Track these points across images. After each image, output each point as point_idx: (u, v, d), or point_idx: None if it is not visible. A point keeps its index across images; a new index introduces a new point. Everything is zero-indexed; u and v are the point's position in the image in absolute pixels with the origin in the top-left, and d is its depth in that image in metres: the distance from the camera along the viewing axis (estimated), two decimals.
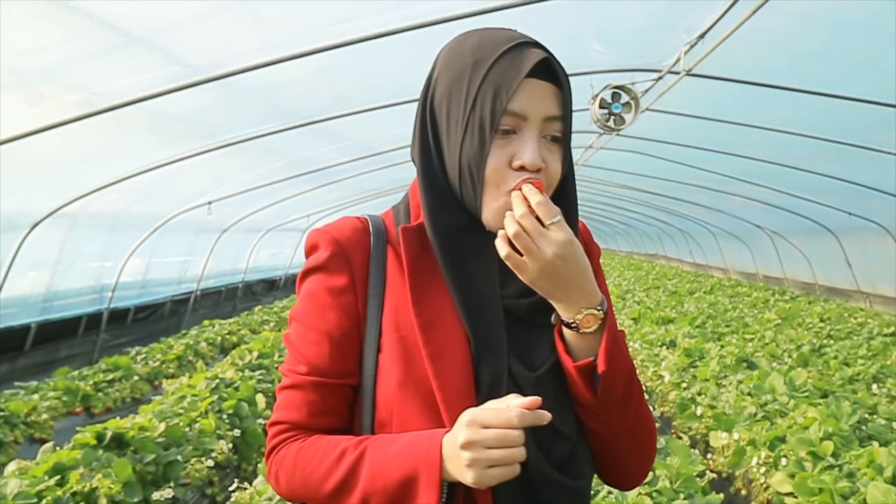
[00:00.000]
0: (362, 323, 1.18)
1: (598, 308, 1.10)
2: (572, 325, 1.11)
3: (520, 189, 1.07)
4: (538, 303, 1.14)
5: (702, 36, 5.32)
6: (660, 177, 12.95)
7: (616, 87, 6.26)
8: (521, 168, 1.09)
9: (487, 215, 1.13)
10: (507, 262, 1.08)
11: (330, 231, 1.22)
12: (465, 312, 1.13)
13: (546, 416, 1.01)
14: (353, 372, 1.18)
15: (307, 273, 1.22)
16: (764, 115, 7.63)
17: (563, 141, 1.14)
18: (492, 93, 1.09)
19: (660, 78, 6.46)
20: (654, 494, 3.36)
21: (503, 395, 1.07)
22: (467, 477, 0.99)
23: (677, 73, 6.11)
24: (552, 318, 1.15)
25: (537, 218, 1.06)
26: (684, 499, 3.37)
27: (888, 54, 5.26)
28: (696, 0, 5.10)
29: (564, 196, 1.18)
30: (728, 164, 10.41)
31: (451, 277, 1.14)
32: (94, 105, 4.87)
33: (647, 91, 6.78)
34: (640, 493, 3.28)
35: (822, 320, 10.71)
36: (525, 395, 1.08)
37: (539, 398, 1.01)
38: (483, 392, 1.10)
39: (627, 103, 6.27)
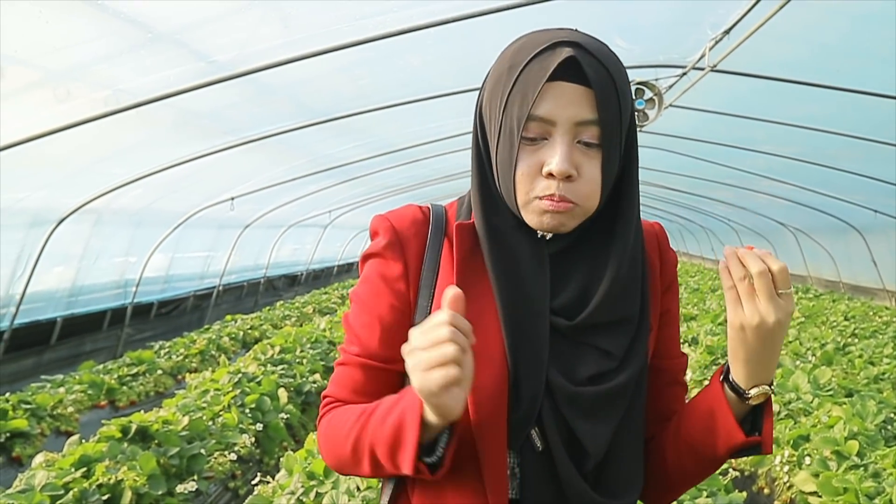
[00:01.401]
0: (412, 312, 1.18)
1: (770, 386, 1.10)
2: (742, 393, 1.10)
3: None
4: (583, 323, 1.13)
5: (727, 31, 5.27)
6: (682, 173, 12.87)
7: (639, 83, 6.22)
8: (550, 175, 1.07)
9: (526, 216, 1.12)
10: (726, 294, 1.07)
11: (390, 218, 1.22)
12: (505, 320, 1.12)
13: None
14: (400, 359, 1.14)
15: (367, 257, 1.24)
16: (789, 111, 7.56)
17: (602, 146, 1.08)
18: (519, 98, 1.07)
19: (684, 74, 6.42)
20: None
21: (539, 409, 1.10)
22: (415, 387, 0.97)
23: (702, 68, 6.06)
24: (722, 375, 1.14)
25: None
26: (707, 496, 3.36)
27: None
28: None
29: (619, 200, 1.15)
30: (752, 161, 10.33)
31: (496, 281, 1.14)
32: (119, 102, 4.92)
33: (670, 87, 6.75)
34: None
35: (846, 318, 10.59)
36: (560, 409, 1.10)
37: (459, 291, 0.98)
38: (523, 407, 1.10)
39: (651, 99, 6.23)
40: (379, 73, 6.19)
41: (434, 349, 0.94)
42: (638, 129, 5.18)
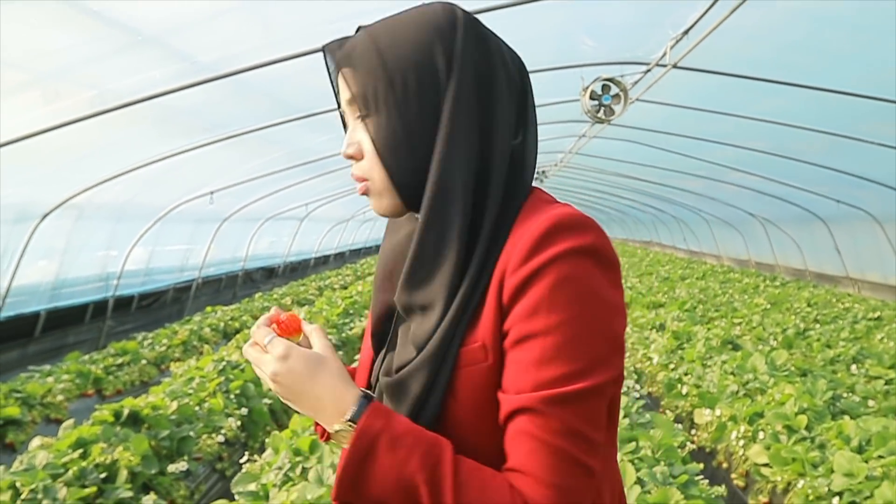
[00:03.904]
0: None
1: (347, 421, 0.99)
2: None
3: None
4: (404, 305, 1.08)
5: (686, 31, 5.55)
6: (653, 165, 13.18)
7: (606, 80, 6.50)
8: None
9: None
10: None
11: None
12: (371, 302, 1.21)
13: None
14: None
15: None
16: (752, 106, 7.86)
17: (363, 115, 1.07)
18: None
19: (648, 71, 6.69)
20: (636, 461, 3.62)
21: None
22: None
23: (664, 66, 6.33)
24: None
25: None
26: (665, 466, 3.63)
27: (872, 49, 5.50)
28: None
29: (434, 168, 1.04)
30: (720, 153, 10.66)
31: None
32: (105, 102, 5.11)
33: (636, 83, 7.02)
34: (622, 459, 3.54)
35: (809, 305, 10.97)
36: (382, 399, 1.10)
37: (272, 312, 1.10)
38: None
39: (617, 95, 6.51)
40: None
41: None
42: (606, 122, 5.41)
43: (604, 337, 0.97)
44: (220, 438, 4.95)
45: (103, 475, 3.79)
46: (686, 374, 6.34)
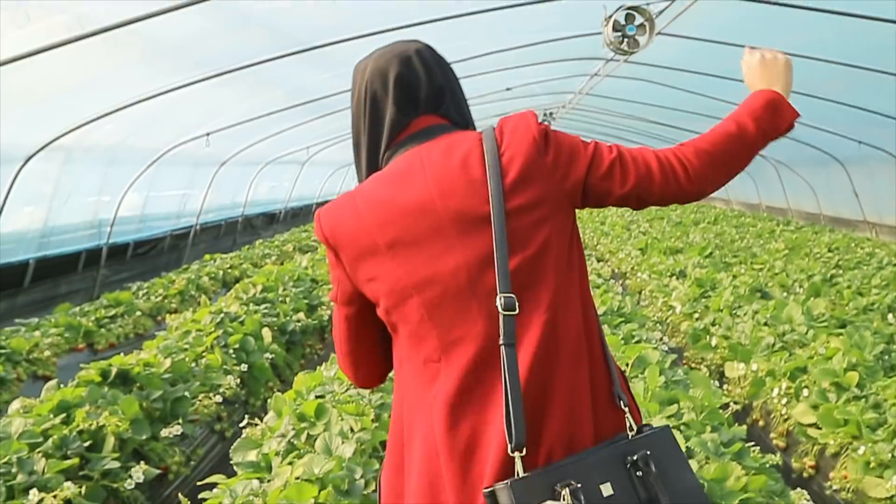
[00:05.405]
0: None
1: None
2: None
3: None
4: None
5: None
6: (667, 106, 12.68)
7: (630, 8, 6.01)
8: None
9: None
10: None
11: None
12: None
13: None
14: None
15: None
16: (776, 40, 7.34)
17: None
18: None
19: None
20: (682, 427, 3.26)
21: None
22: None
23: None
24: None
25: None
26: (711, 431, 3.27)
27: None
28: None
29: None
30: (735, 91, 10.08)
31: None
32: (83, 27, 4.61)
33: (661, 13, 6.52)
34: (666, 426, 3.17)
35: (830, 250, 10.56)
36: None
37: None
38: None
39: (642, 25, 6.03)
40: None
41: None
42: (628, 56, 4.98)
43: None
44: (219, 398, 4.60)
45: (88, 443, 3.43)
46: (713, 325, 5.97)
